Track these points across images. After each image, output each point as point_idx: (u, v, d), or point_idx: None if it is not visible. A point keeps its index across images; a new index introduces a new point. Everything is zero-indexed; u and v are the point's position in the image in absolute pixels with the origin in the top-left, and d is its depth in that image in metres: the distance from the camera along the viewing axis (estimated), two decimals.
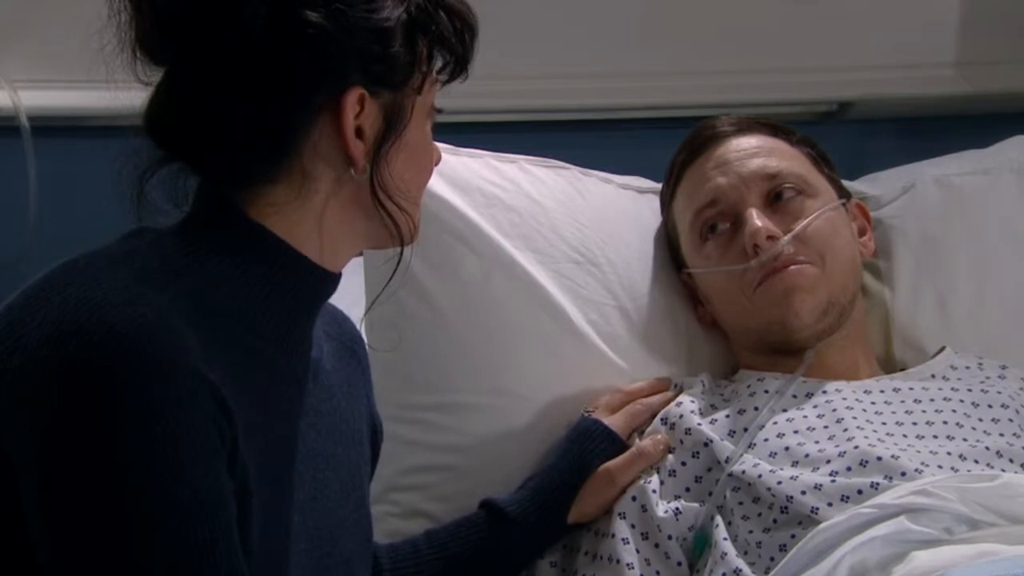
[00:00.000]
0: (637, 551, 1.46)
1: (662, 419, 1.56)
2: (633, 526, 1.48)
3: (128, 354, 1.06)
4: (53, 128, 1.82)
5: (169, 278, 1.13)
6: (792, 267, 1.58)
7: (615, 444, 1.56)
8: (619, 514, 1.50)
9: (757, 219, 1.59)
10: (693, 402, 1.57)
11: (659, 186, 1.76)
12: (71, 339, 1.06)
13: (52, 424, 1.06)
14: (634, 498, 1.50)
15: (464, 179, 1.67)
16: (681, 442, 1.53)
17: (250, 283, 1.17)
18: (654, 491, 1.49)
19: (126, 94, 1.24)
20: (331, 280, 1.23)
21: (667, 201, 1.72)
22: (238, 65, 1.15)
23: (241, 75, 1.15)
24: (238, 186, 1.18)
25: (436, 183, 1.64)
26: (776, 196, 1.63)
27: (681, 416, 1.54)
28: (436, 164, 1.28)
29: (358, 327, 1.42)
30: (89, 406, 1.05)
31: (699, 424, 1.53)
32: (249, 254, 1.18)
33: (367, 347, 1.40)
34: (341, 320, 1.38)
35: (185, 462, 1.06)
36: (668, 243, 1.73)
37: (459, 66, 1.23)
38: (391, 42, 1.17)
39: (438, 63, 1.22)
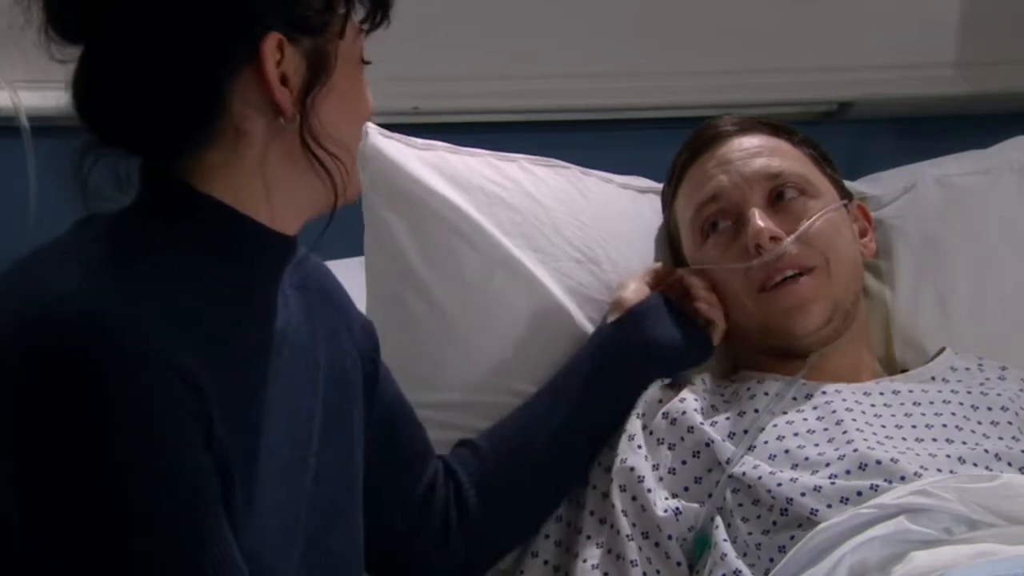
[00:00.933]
0: (640, 548, 1.46)
1: (663, 413, 1.56)
2: (634, 524, 1.48)
3: (89, 344, 1.06)
4: (53, 128, 1.82)
5: (122, 263, 1.13)
6: (802, 278, 1.58)
7: None
8: (612, 505, 1.49)
9: (760, 220, 1.59)
10: (696, 400, 1.56)
11: (659, 186, 1.76)
12: (31, 335, 1.06)
13: (20, 421, 1.06)
14: (623, 488, 1.50)
15: (465, 178, 1.67)
16: (682, 439, 1.53)
17: (204, 256, 1.17)
18: (650, 490, 1.49)
19: None
20: (288, 244, 1.23)
21: (669, 200, 1.72)
22: (146, 28, 1.13)
23: (151, 38, 1.13)
24: (175, 156, 1.17)
25: (437, 181, 1.65)
26: (778, 196, 1.63)
27: (683, 413, 1.54)
28: (367, 116, 1.27)
29: None
30: (55, 401, 1.05)
31: (701, 423, 1.53)
32: (198, 227, 1.17)
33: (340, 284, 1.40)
34: (304, 262, 1.34)
35: (160, 447, 1.07)
36: (669, 242, 1.73)
37: (379, 10, 1.23)
38: None
39: (360, 12, 1.21)
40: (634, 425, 1.55)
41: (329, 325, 1.33)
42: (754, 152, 1.65)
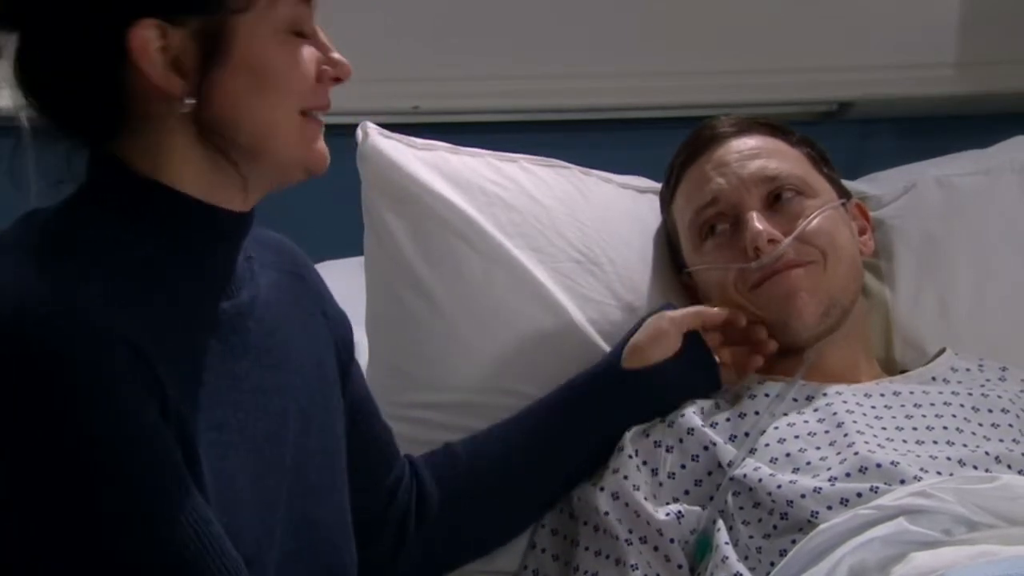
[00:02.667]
0: (639, 553, 1.46)
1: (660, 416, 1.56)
2: (631, 530, 1.47)
3: (29, 326, 1.07)
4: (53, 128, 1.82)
5: (60, 247, 1.13)
6: (794, 269, 1.58)
7: None
8: (605, 512, 1.49)
9: (758, 222, 1.59)
10: (695, 402, 1.56)
11: (659, 186, 1.76)
12: None
13: None
14: (615, 496, 1.50)
15: (465, 178, 1.67)
16: (680, 441, 1.52)
17: (149, 236, 1.17)
18: (646, 497, 1.49)
19: None
20: (235, 220, 1.21)
21: (667, 201, 1.72)
22: (41, 16, 1.15)
23: (46, 26, 1.15)
24: (110, 140, 1.18)
25: (437, 182, 1.65)
26: (776, 197, 1.63)
27: (683, 415, 1.54)
28: (302, 89, 1.21)
29: (356, 328, 1.42)
30: (2, 386, 1.06)
31: (702, 425, 1.53)
32: (140, 208, 1.18)
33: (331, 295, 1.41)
34: (280, 247, 1.35)
35: (115, 414, 1.07)
36: (668, 243, 1.73)
37: None
38: None
39: None
40: (623, 437, 1.55)
41: (303, 306, 1.34)
42: (751, 154, 1.65)
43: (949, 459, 1.44)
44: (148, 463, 1.09)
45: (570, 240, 1.68)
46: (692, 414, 1.54)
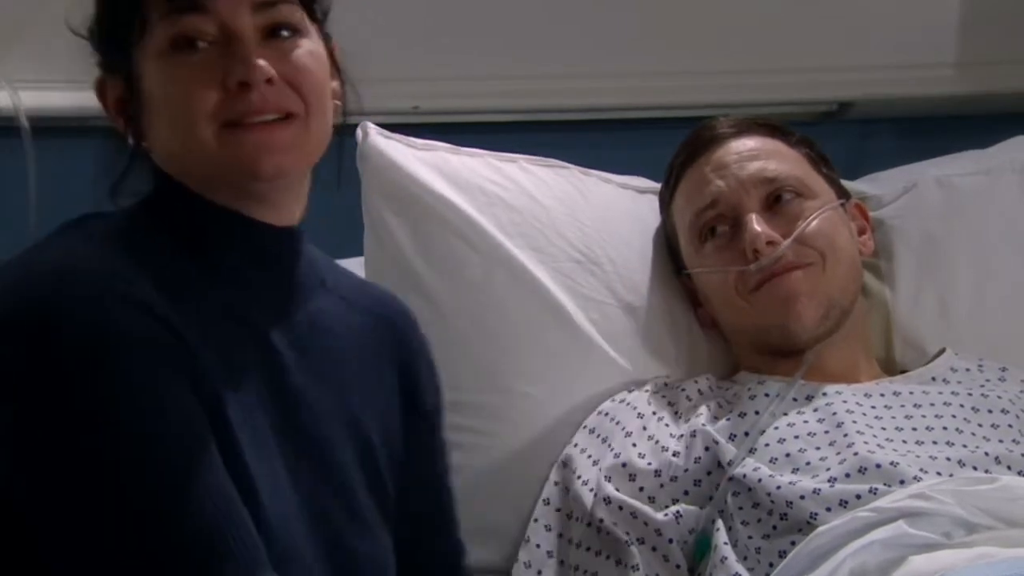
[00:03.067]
0: (639, 553, 1.46)
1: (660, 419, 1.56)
2: (628, 532, 1.47)
3: (60, 290, 1.09)
4: (53, 128, 1.82)
5: (101, 237, 1.17)
6: (793, 272, 1.58)
7: None
8: (599, 519, 1.49)
9: (757, 224, 1.59)
10: (706, 404, 1.57)
11: (659, 186, 1.76)
12: (3, 294, 1.10)
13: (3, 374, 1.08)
14: (607, 500, 1.49)
15: (465, 178, 1.67)
16: (688, 447, 1.52)
17: (173, 231, 1.21)
18: (650, 498, 1.49)
19: None
20: (267, 231, 1.23)
21: (666, 202, 1.72)
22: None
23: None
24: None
25: (437, 182, 1.65)
26: (775, 199, 1.63)
27: (697, 415, 1.55)
28: (184, 103, 1.18)
29: None
30: (28, 351, 1.08)
31: (704, 425, 1.53)
32: (169, 207, 1.22)
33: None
34: (384, 299, 1.38)
35: (140, 386, 1.08)
36: (667, 244, 1.73)
37: None
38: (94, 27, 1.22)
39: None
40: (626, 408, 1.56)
41: (383, 356, 1.34)
42: (750, 155, 1.65)
43: (949, 459, 1.44)
44: (171, 424, 1.09)
45: (570, 240, 1.68)
46: (701, 415, 1.54)
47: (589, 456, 1.55)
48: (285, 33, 1.20)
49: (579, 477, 1.54)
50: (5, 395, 1.08)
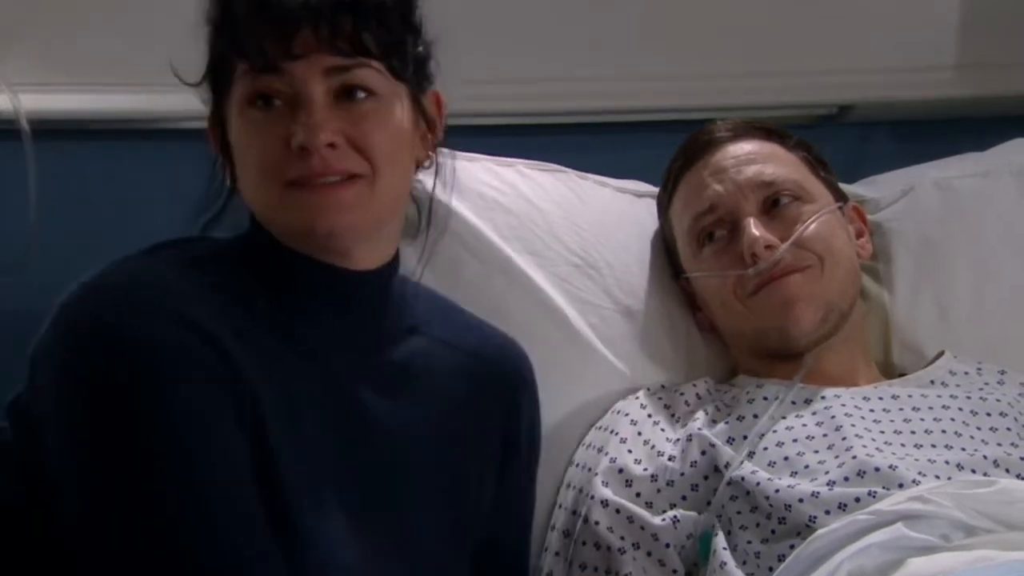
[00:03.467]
0: (634, 560, 1.46)
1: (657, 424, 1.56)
2: (623, 538, 1.47)
3: (110, 303, 1.13)
4: (53, 132, 1.82)
5: (187, 258, 1.22)
6: (791, 276, 1.58)
7: None
8: (595, 522, 1.49)
9: (755, 228, 1.59)
10: (704, 409, 1.56)
11: (657, 190, 1.76)
12: (66, 302, 1.15)
13: (54, 379, 1.13)
14: (604, 503, 1.49)
15: (462, 183, 1.67)
16: (684, 451, 1.52)
17: (255, 267, 1.25)
18: (648, 503, 1.49)
19: (129, 98, 1.26)
20: (335, 274, 1.25)
21: (664, 207, 1.72)
22: None
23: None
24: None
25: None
26: (773, 203, 1.63)
27: (694, 419, 1.55)
28: (259, 160, 1.24)
29: None
30: (78, 360, 1.12)
31: (700, 429, 1.53)
32: (254, 245, 1.27)
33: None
34: (494, 339, 1.42)
35: (181, 408, 1.11)
36: (665, 249, 1.73)
37: (236, 48, 1.23)
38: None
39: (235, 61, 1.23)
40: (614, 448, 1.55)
41: (484, 394, 1.37)
42: (748, 159, 1.65)
43: (948, 463, 1.44)
44: (207, 460, 1.11)
45: (568, 244, 1.69)
46: (698, 419, 1.54)
47: (589, 470, 1.55)
48: (361, 95, 1.23)
49: (583, 493, 1.54)
50: (60, 400, 1.12)
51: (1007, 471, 1.44)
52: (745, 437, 1.51)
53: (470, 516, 1.35)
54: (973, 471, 1.43)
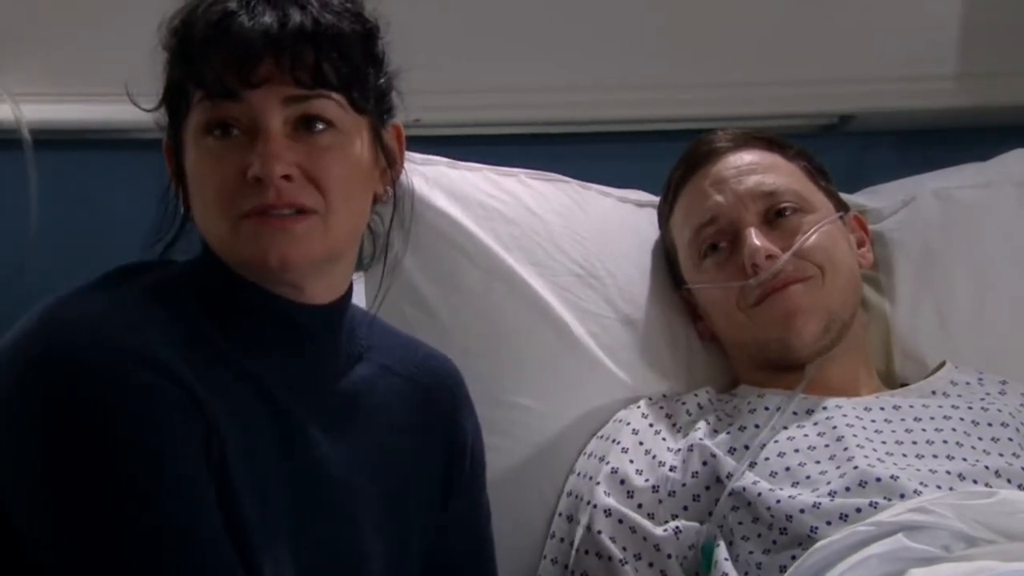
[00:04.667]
0: (636, 571, 1.46)
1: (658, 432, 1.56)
2: (624, 548, 1.47)
3: (75, 341, 1.10)
4: (55, 141, 1.82)
5: (128, 290, 1.19)
6: (792, 286, 1.58)
7: None
8: (597, 531, 1.49)
9: (756, 239, 1.59)
10: (704, 420, 1.56)
11: (658, 199, 1.76)
12: (24, 338, 1.12)
13: (11, 419, 1.10)
14: (607, 512, 1.49)
15: (464, 192, 1.67)
16: (684, 461, 1.52)
17: (207, 298, 1.22)
18: (650, 514, 1.49)
19: (130, 108, 1.26)
20: (294, 307, 1.24)
21: (665, 217, 1.72)
22: None
23: None
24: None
25: (435, 195, 1.65)
26: (774, 213, 1.63)
27: (695, 429, 1.55)
28: (214, 189, 1.21)
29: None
30: (42, 397, 1.10)
31: (702, 439, 1.53)
32: (206, 274, 1.24)
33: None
34: (429, 360, 1.40)
35: (144, 441, 1.10)
36: (666, 259, 1.73)
37: (194, 75, 1.21)
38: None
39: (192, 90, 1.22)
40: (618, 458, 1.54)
41: (425, 424, 1.36)
42: (748, 169, 1.65)
43: (949, 473, 1.44)
44: (174, 478, 1.10)
45: (569, 254, 1.69)
46: (699, 429, 1.54)
47: (590, 478, 1.55)
48: (320, 127, 1.21)
49: (584, 501, 1.54)
50: (21, 432, 1.10)
51: (1008, 481, 1.44)
52: (747, 447, 1.51)
53: (419, 542, 1.34)
54: (974, 481, 1.43)
